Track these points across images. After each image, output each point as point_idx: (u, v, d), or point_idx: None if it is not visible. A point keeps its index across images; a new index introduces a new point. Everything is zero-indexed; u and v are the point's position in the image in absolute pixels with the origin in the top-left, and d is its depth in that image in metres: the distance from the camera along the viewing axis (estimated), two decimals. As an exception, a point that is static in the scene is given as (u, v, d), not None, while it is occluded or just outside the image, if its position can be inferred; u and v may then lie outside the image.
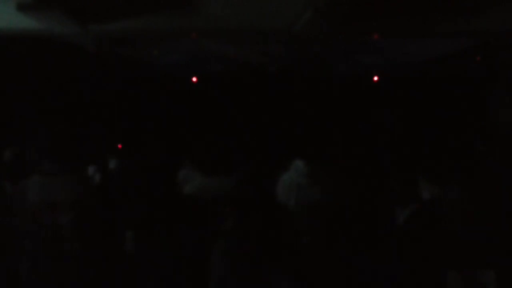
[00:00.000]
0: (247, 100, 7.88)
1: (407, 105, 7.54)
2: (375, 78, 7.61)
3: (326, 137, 6.88)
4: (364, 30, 4.06)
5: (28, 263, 2.29)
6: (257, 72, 7.11)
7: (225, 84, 7.77)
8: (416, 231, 2.21)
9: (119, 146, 6.01)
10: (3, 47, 4.52)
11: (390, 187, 3.34)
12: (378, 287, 2.49)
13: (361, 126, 7.67)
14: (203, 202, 3.34)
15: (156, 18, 3.82)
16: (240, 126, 7.78)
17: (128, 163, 4.47)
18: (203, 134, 7.33)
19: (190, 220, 3.26)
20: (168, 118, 7.87)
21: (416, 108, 7.45)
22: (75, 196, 2.30)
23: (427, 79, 7.22)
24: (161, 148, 5.04)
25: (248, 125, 7.80)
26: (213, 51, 5.81)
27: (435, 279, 1.99)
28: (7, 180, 3.25)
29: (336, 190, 3.05)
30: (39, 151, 2.41)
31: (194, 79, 7.82)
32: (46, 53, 5.14)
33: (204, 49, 5.64)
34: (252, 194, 2.41)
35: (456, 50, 5.50)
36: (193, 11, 3.66)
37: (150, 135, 7.24)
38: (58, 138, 2.47)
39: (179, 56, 6.23)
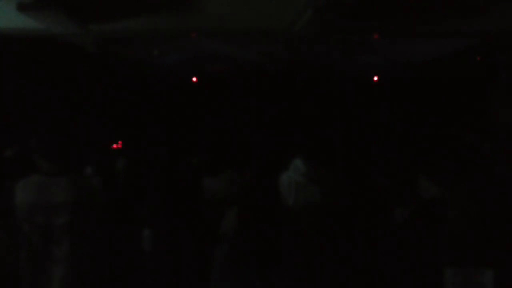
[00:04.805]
0: (247, 100, 7.88)
1: (407, 105, 7.55)
2: (375, 78, 7.61)
3: (326, 137, 6.88)
4: (364, 30, 4.06)
5: (23, 263, 2.28)
6: (257, 72, 7.11)
7: (225, 84, 7.77)
8: (416, 231, 2.21)
9: (119, 143, 6.02)
10: (3, 47, 4.52)
11: (390, 187, 3.35)
12: (378, 286, 2.49)
13: (361, 126, 7.67)
14: (204, 203, 3.35)
15: (156, 18, 3.82)
16: (240, 126, 7.78)
17: (127, 163, 4.48)
18: (203, 135, 7.34)
19: (192, 222, 3.27)
20: (168, 118, 7.88)
21: (416, 108, 7.45)
22: (71, 198, 2.28)
23: (427, 79, 7.22)
24: (161, 148, 5.03)
25: (247, 125, 7.80)
26: (213, 51, 5.80)
27: (435, 278, 1.99)
28: (8, 179, 3.25)
29: (336, 189, 3.05)
30: (38, 152, 2.39)
31: (194, 79, 7.82)
32: (46, 53, 5.14)
33: (204, 49, 5.64)
34: (256, 194, 2.41)
35: (456, 50, 5.50)
36: (193, 11, 3.66)
37: (150, 135, 7.25)
38: (57, 138, 2.45)
39: (179, 56, 6.23)
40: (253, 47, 5.70)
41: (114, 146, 6.29)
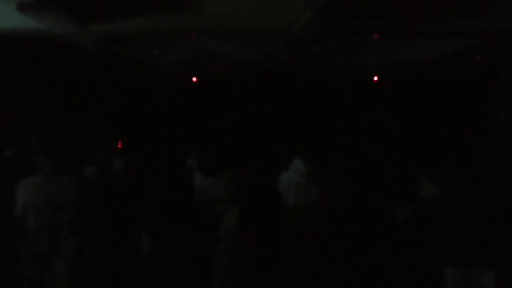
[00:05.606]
0: (247, 100, 7.88)
1: (407, 105, 7.54)
2: (375, 78, 7.61)
3: (326, 137, 6.89)
4: (364, 30, 4.06)
5: (28, 262, 2.30)
6: (257, 72, 7.11)
7: (225, 84, 7.77)
8: (416, 231, 2.21)
9: (119, 144, 6.01)
10: (3, 47, 4.52)
11: (390, 187, 3.35)
12: (378, 286, 2.49)
13: (361, 126, 7.67)
14: (204, 203, 3.35)
15: (156, 18, 3.82)
16: (240, 126, 7.78)
17: (127, 164, 4.47)
18: (203, 135, 7.33)
19: (192, 222, 3.27)
20: (168, 118, 7.88)
21: (416, 108, 7.45)
22: (73, 197, 2.30)
23: (427, 79, 7.22)
24: (161, 149, 5.03)
25: (247, 125, 7.80)
26: (213, 51, 5.81)
27: (434, 278, 1.99)
28: (8, 180, 3.25)
29: (335, 189, 3.05)
30: (39, 152, 2.40)
31: (194, 79, 7.82)
32: (46, 53, 5.14)
33: (204, 49, 5.64)
34: (256, 194, 2.41)
35: (456, 50, 5.50)
36: (193, 11, 3.66)
37: (150, 135, 7.25)
38: (59, 138, 2.47)
39: (179, 56, 6.23)
40: (253, 47, 5.70)
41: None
